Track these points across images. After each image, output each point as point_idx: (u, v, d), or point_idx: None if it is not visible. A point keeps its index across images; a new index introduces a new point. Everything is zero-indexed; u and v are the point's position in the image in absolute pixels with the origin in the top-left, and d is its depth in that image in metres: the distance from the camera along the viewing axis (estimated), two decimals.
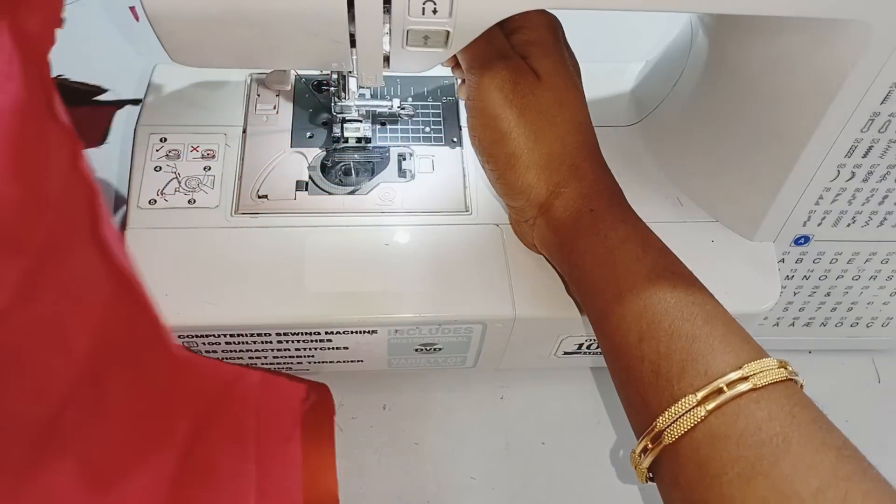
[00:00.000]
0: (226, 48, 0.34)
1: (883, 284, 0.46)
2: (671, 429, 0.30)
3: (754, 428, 0.28)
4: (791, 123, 0.37)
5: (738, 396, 0.29)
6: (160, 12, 0.31)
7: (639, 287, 0.33)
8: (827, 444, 0.27)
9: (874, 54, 0.33)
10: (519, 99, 0.37)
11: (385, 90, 0.48)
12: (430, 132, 0.47)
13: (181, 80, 0.47)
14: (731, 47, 0.38)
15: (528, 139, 0.37)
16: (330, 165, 0.44)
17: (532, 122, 0.37)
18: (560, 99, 0.37)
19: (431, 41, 0.33)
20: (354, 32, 0.32)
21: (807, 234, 0.43)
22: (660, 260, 0.34)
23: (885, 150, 0.37)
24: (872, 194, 0.40)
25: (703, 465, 0.29)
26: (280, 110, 0.46)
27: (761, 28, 0.36)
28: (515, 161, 0.37)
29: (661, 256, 0.35)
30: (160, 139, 0.44)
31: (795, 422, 0.28)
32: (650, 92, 0.48)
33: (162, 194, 0.42)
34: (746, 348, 0.31)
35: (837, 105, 0.35)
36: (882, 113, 0.36)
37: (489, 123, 0.37)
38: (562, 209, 0.37)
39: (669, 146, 0.45)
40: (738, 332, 0.32)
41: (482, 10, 0.31)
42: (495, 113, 0.37)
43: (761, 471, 0.27)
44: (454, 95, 0.49)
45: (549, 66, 0.38)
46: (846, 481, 0.26)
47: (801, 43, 0.35)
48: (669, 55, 0.47)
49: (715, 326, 0.31)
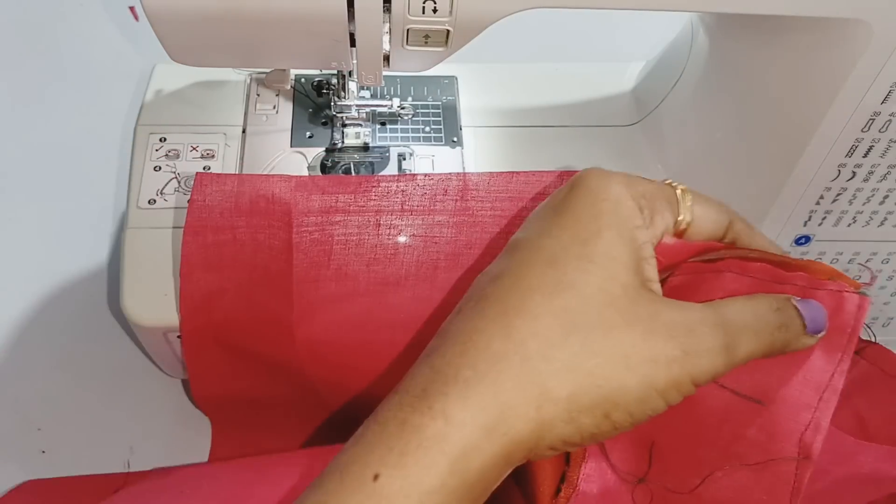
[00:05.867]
0: (225, 48, 0.34)
1: (883, 285, 0.46)
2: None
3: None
4: (791, 123, 0.37)
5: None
6: (159, 12, 0.31)
7: None
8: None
9: (874, 54, 0.33)
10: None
11: (385, 90, 0.48)
12: (430, 132, 0.47)
13: (181, 80, 0.47)
14: (731, 47, 0.38)
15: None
16: (330, 165, 0.44)
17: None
18: None
19: (432, 40, 0.33)
20: (354, 31, 0.32)
21: (807, 234, 0.43)
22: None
23: (886, 149, 0.37)
24: (873, 194, 0.40)
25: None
26: (280, 110, 0.46)
27: (761, 28, 0.36)
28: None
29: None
30: (160, 139, 0.44)
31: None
32: (650, 92, 0.48)
33: (161, 194, 0.42)
34: None
35: (838, 105, 0.35)
36: (882, 113, 0.35)
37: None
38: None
39: (670, 146, 0.45)
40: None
41: (482, 9, 0.31)
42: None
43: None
44: (454, 95, 0.49)
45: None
46: None
47: (801, 43, 0.35)
48: (669, 55, 0.47)
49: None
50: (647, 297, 0.26)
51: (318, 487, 0.24)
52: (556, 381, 0.24)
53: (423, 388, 0.25)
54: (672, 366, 0.25)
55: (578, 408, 0.25)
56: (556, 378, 0.24)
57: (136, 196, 0.42)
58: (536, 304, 0.25)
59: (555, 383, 0.24)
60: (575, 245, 0.26)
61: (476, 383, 0.24)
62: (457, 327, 0.26)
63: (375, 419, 0.25)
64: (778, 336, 0.27)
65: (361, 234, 0.37)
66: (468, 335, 0.25)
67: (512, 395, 0.24)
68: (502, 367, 0.24)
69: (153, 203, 0.41)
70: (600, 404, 0.25)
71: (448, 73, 0.49)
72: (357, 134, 0.45)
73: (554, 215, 0.28)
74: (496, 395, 0.24)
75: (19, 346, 0.45)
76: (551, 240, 0.27)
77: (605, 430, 0.25)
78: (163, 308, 0.37)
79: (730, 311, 0.26)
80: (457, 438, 0.23)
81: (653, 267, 0.27)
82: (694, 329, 0.26)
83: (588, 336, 0.25)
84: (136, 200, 0.41)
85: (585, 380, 0.25)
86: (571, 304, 0.25)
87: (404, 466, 0.23)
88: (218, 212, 0.36)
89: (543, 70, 0.51)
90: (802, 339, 0.27)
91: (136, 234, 0.40)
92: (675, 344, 0.25)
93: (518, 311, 0.25)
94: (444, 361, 0.25)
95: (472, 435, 0.24)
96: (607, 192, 0.27)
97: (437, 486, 0.23)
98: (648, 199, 0.28)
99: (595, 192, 0.27)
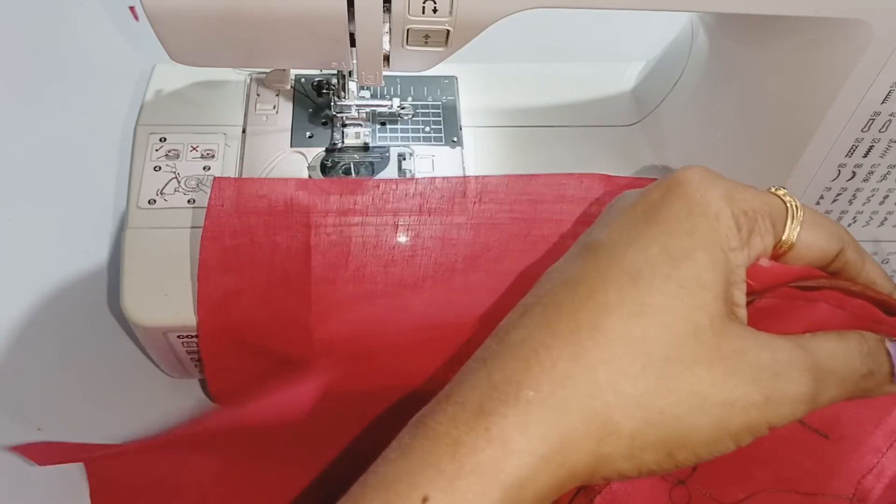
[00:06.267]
0: (225, 48, 0.34)
1: None
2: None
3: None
4: (791, 123, 0.37)
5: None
6: (159, 12, 0.31)
7: None
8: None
9: (874, 54, 0.33)
10: None
11: (385, 90, 0.48)
12: (430, 132, 0.47)
13: (181, 80, 0.47)
14: (732, 47, 0.38)
15: None
16: (330, 165, 0.44)
17: None
18: None
19: (432, 40, 0.33)
20: (354, 31, 0.32)
21: None
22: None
23: (886, 150, 0.37)
24: (873, 194, 0.40)
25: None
26: (280, 110, 0.46)
27: (761, 28, 0.36)
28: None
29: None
30: (160, 139, 0.44)
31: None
32: (650, 92, 0.48)
33: (161, 194, 0.42)
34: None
35: (838, 104, 0.35)
36: (882, 113, 0.35)
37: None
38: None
39: (670, 146, 0.45)
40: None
41: (482, 9, 0.31)
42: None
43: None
44: (454, 95, 0.49)
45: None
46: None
47: (801, 43, 0.35)
48: (669, 55, 0.47)
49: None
50: (735, 332, 0.24)
51: (361, 502, 0.22)
52: (622, 415, 0.22)
53: (479, 403, 0.23)
54: (751, 411, 0.23)
55: (642, 445, 0.23)
56: (624, 413, 0.22)
57: (136, 196, 0.41)
58: (612, 326, 0.23)
59: (621, 418, 0.22)
60: (664, 263, 0.24)
61: (538, 407, 0.22)
62: (520, 336, 0.24)
63: (425, 431, 0.23)
64: (863, 384, 0.25)
65: (379, 236, 0.37)
66: (533, 349, 0.23)
67: (575, 426, 0.22)
68: (568, 392, 0.22)
69: (153, 203, 0.41)
70: (666, 443, 0.23)
71: (448, 73, 0.49)
72: (357, 134, 0.45)
73: (644, 222, 0.25)
74: (558, 424, 0.22)
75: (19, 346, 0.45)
76: (637, 252, 0.24)
77: (665, 468, 0.24)
78: (163, 308, 0.37)
79: (821, 354, 0.24)
80: (513, 467, 0.22)
81: (742, 292, 0.25)
82: (781, 374, 0.23)
83: (665, 371, 0.23)
84: (136, 200, 0.41)
85: (655, 418, 0.23)
86: (651, 333, 0.23)
87: (455, 491, 0.22)
88: (237, 215, 0.37)
89: (543, 70, 0.51)
90: (888, 386, 0.25)
91: (136, 234, 0.40)
92: (759, 388, 0.23)
93: (591, 331, 0.23)
94: (503, 376, 0.23)
95: (529, 465, 0.22)
96: (706, 205, 0.24)
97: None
98: (750, 216, 0.25)
99: (692, 203, 0.25)
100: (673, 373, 0.23)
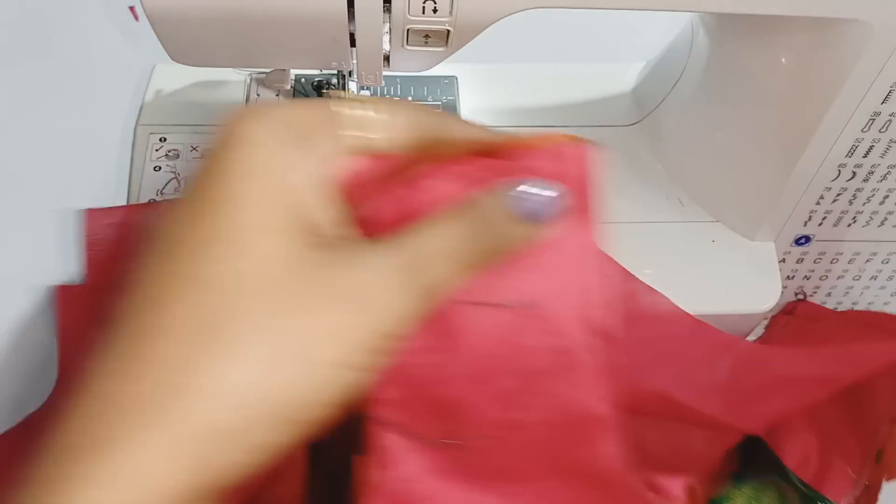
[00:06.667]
0: (225, 48, 0.34)
1: (884, 285, 0.46)
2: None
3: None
4: (792, 123, 0.37)
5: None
6: (159, 12, 0.31)
7: None
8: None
9: (874, 54, 0.33)
10: None
11: (385, 90, 0.48)
12: None
13: (181, 80, 0.47)
14: (732, 47, 0.38)
15: None
16: None
17: None
18: None
19: (432, 40, 0.33)
20: (354, 31, 0.32)
21: (807, 234, 0.43)
22: None
23: (886, 149, 0.37)
24: (873, 194, 0.40)
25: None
26: None
27: (762, 28, 0.36)
28: None
29: None
30: (160, 139, 0.44)
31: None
32: (650, 92, 0.48)
33: (161, 194, 0.42)
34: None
35: (838, 104, 0.35)
36: (883, 113, 0.35)
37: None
38: None
39: (670, 146, 0.45)
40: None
41: (482, 10, 0.31)
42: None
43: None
44: (454, 95, 0.48)
45: None
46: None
47: (801, 43, 0.35)
48: (669, 55, 0.47)
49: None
50: (312, 262, 0.20)
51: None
52: (209, 413, 0.19)
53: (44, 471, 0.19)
54: (353, 333, 0.20)
55: (239, 431, 0.19)
56: (210, 409, 0.19)
57: (136, 196, 0.42)
58: (159, 319, 0.19)
59: (199, 417, 0.19)
60: (202, 223, 0.20)
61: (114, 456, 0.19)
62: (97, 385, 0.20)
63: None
64: (494, 244, 0.22)
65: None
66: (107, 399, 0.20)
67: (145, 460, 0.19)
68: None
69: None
70: (270, 415, 0.20)
71: (448, 73, 0.49)
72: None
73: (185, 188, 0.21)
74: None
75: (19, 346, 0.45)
76: (173, 224, 0.21)
77: (297, 432, 0.21)
78: None
79: (414, 245, 0.22)
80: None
81: (325, 210, 0.22)
82: (371, 284, 0.21)
83: (234, 341, 0.19)
84: (135, 200, 0.41)
85: (234, 398, 0.19)
86: (206, 307, 0.19)
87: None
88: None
89: (543, 70, 0.51)
90: (531, 230, 0.23)
91: None
92: (350, 309, 0.20)
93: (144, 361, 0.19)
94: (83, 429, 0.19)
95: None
96: (240, 138, 0.21)
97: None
98: (301, 128, 0.22)
99: (227, 145, 0.21)
100: (245, 339, 0.19)
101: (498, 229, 0.22)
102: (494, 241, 0.22)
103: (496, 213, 0.22)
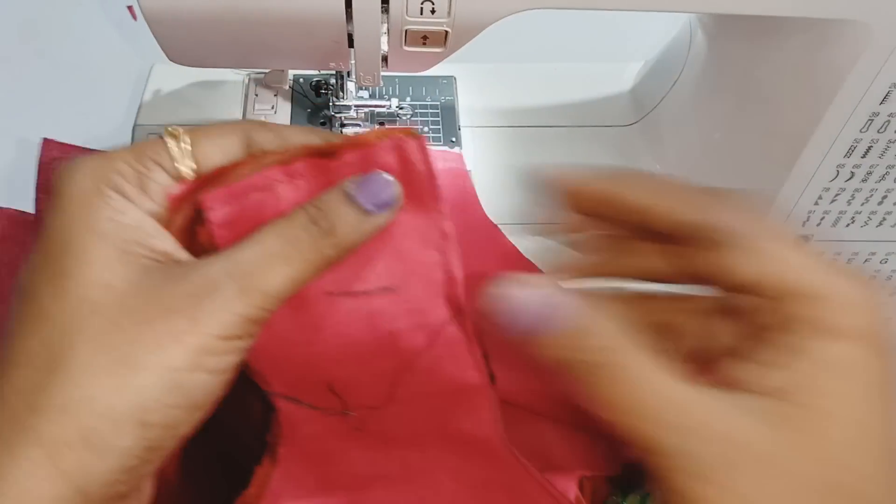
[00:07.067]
0: (223, 48, 0.34)
1: (882, 285, 0.46)
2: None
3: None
4: (790, 123, 0.37)
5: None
6: (157, 12, 0.31)
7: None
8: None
9: (874, 54, 0.33)
10: None
11: (383, 90, 0.48)
12: (429, 132, 0.47)
13: (179, 80, 0.47)
14: (730, 47, 0.38)
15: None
16: None
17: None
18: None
19: (430, 41, 0.33)
20: (352, 32, 0.32)
21: (806, 234, 0.43)
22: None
23: (885, 150, 0.37)
24: (872, 194, 0.40)
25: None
26: (278, 110, 0.46)
27: (761, 28, 0.36)
28: None
29: None
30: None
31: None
32: (650, 92, 0.48)
33: None
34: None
35: (837, 105, 0.35)
36: (881, 113, 0.35)
37: None
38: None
39: (668, 146, 0.45)
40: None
41: (480, 11, 0.31)
42: None
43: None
44: (452, 95, 0.48)
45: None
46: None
47: (801, 43, 0.35)
48: (669, 55, 0.47)
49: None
50: (154, 281, 0.23)
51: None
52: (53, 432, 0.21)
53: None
54: (195, 338, 0.22)
55: (106, 438, 0.21)
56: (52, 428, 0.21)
57: None
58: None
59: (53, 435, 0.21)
60: (48, 268, 0.23)
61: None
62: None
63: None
64: (327, 243, 0.24)
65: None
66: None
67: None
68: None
69: None
70: (131, 419, 0.22)
71: (446, 73, 0.49)
72: (356, 134, 0.45)
73: (35, 239, 0.24)
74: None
75: None
76: (28, 270, 0.23)
77: (167, 434, 0.23)
78: None
79: (245, 252, 0.23)
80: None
81: (162, 238, 0.24)
82: (208, 291, 0.23)
83: (80, 358, 0.22)
84: None
85: (92, 407, 0.21)
86: (54, 335, 0.22)
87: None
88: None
89: (542, 70, 0.51)
90: (368, 221, 0.24)
91: None
92: (190, 315, 0.22)
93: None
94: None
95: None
96: (69, 190, 0.24)
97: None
98: (131, 168, 0.24)
99: (60, 197, 0.24)
100: (83, 359, 0.22)
101: (338, 224, 0.24)
102: (336, 236, 0.24)
103: (337, 208, 0.24)
